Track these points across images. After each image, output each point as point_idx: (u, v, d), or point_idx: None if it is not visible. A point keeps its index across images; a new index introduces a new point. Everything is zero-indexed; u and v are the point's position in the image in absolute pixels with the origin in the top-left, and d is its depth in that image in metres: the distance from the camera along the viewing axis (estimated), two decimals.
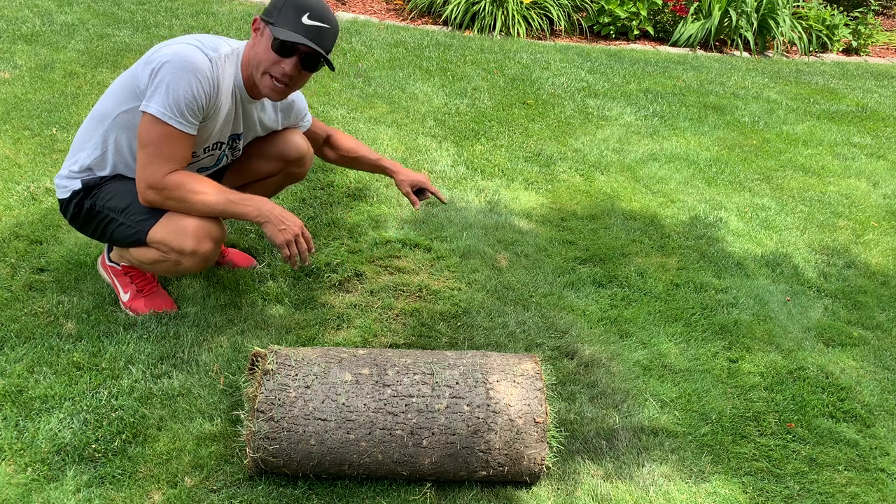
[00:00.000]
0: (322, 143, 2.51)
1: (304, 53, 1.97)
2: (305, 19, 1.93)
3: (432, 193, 2.50)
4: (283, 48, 1.94)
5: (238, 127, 2.17)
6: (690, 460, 1.99)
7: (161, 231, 2.02)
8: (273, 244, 2.09)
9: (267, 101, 2.24)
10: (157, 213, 2.04)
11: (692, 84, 5.32)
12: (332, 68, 2.00)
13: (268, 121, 2.28)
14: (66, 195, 2.13)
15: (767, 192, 3.66)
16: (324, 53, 1.97)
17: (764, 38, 6.54)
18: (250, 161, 2.40)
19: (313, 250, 2.15)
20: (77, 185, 2.11)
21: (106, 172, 2.11)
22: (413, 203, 2.47)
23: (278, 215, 2.03)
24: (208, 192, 2.00)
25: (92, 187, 2.10)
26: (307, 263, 2.21)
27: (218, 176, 2.39)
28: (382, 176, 3.34)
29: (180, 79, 1.87)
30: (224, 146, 2.19)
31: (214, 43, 1.99)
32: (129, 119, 2.01)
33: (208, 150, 2.14)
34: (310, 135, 2.46)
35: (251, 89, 2.09)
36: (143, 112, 1.91)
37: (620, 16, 6.30)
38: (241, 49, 2.06)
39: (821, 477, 1.98)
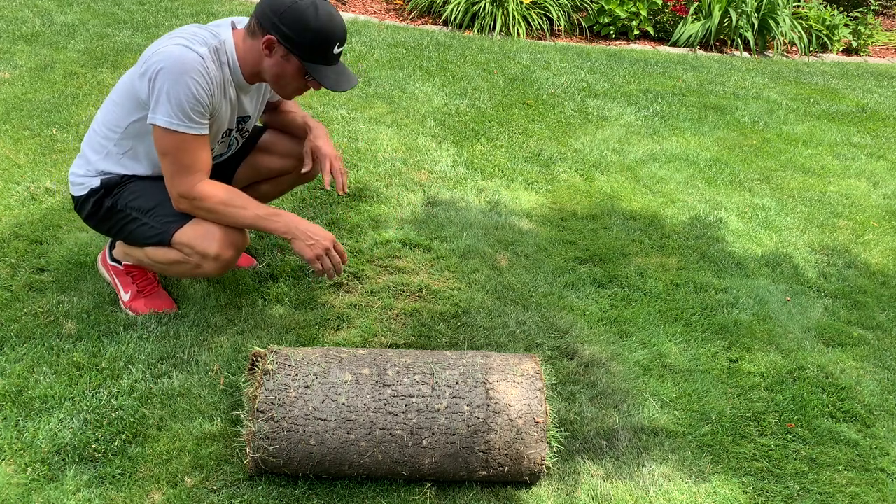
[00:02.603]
0: (272, 109, 2.47)
1: None
2: (335, 49, 1.96)
3: (328, 173, 2.33)
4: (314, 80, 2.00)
5: (245, 110, 2.18)
6: (690, 460, 1.99)
7: (188, 234, 2.04)
8: (303, 259, 2.09)
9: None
10: (184, 216, 2.06)
11: (692, 84, 5.32)
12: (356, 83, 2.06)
13: (261, 97, 2.28)
14: (83, 192, 2.13)
15: (767, 192, 3.66)
16: (354, 80, 2.04)
17: (764, 38, 6.54)
18: (265, 158, 2.42)
19: (346, 261, 2.12)
20: (96, 182, 2.11)
21: (125, 172, 2.13)
22: (304, 165, 2.35)
23: (305, 230, 2.03)
24: (239, 205, 2.02)
25: (113, 186, 2.11)
26: (341, 274, 2.17)
27: (232, 168, 2.40)
28: (382, 176, 3.35)
29: (178, 84, 1.87)
30: (233, 132, 2.20)
31: (202, 37, 1.97)
32: (140, 127, 2.02)
33: (219, 141, 2.15)
34: (273, 104, 2.44)
35: (251, 77, 2.07)
36: (152, 125, 1.92)
37: (620, 16, 6.30)
38: (229, 36, 2.02)
39: (821, 477, 1.98)
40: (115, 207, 2.11)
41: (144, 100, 1.93)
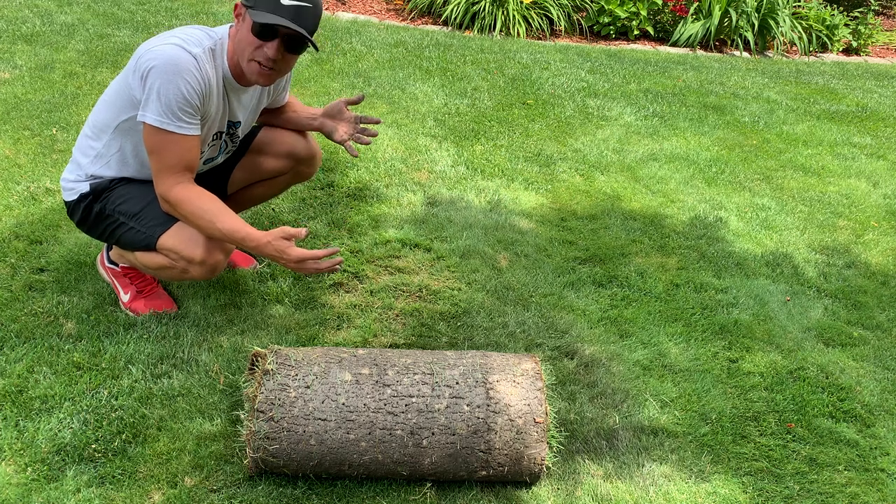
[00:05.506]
0: (278, 112, 2.44)
1: (285, 35, 1.92)
2: (284, 0, 1.89)
3: (361, 126, 2.31)
4: (263, 31, 1.90)
5: (235, 115, 2.16)
6: (690, 460, 1.99)
7: (172, 238, 2.03)
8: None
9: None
10: (170, 219, 2.05)
11: (692, 84, 5.31)
12: (316, 49, 1.97)
13: (256, 102, 2.24)
14: (74, 197, 2.12)
15: (767, 192, 3.66)
16: (305, 33, 1.91)
17: (764, 38, 6.54)
18: (261, 159, 2.40)
19: (336, 252, 2.04)
20: (85, 187, 2.10)
21: (114, 175, 2.12)
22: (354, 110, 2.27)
23: (269, 254, 1.97)
24: (208, 218, 1.97)
25: (101, 190, 2.10)
26: (337, 266, 2.10)
27: (227, 172, 2.39)
28: (382, 176, 3.35)
29: (169, 82, 1.86)
30: (223, 135, 2.18)
31: (197, 37, 1.97)
32: (130, 126, 2.01)
33: (209, 143, 2.14)
34: (276, 106, 2.39)
35: (240, 77, 2.06)
36: (142, 123, 1.92)
37: (620, 16, 6.30)
38: (225, 38, 2.02)
39: (821, 477, 1.98)
40: (104, 213, 2.11)
41: (137, 97, 1.93)
